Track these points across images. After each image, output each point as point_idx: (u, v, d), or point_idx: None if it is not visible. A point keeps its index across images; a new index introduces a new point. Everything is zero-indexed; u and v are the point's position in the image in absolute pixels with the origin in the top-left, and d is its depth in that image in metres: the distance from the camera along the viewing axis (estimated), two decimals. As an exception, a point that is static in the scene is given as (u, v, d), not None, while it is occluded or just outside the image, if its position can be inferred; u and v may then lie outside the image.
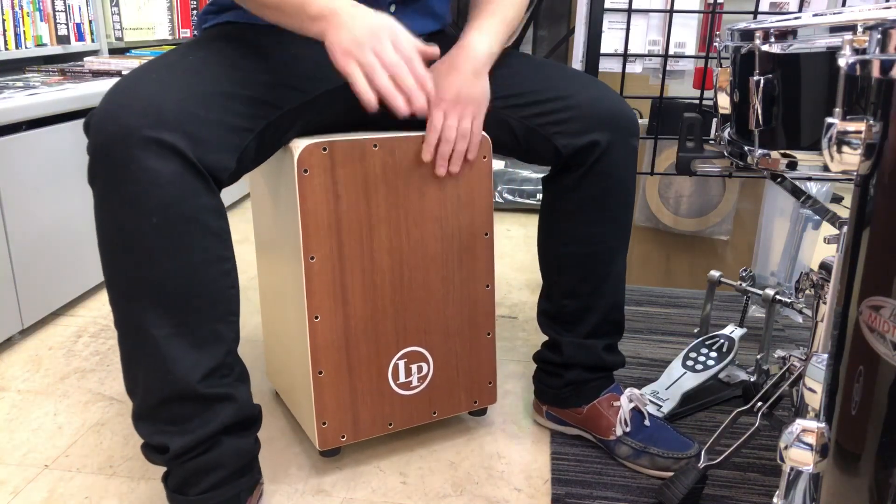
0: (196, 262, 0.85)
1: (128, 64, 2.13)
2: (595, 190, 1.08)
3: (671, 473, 1.07)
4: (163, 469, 0.95)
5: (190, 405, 0.90)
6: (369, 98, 0.87)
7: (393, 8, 1.05)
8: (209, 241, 0.86)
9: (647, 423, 1.15)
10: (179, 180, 0.82)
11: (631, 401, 1.15)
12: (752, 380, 1.35)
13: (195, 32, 1.13)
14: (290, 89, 0.96)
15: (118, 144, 0.80)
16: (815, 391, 0.77)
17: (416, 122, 1.06)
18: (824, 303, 0.92)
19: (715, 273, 1.42)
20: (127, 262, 0.84)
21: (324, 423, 1.08)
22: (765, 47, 0.80)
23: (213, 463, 0.93)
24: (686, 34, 1.59)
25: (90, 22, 2.28)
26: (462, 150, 1.04)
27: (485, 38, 1.01)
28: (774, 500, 0.73)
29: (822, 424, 0.67)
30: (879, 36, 0.57)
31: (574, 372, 1.17)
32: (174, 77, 0.86)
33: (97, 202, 0.84)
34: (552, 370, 1.20)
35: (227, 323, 0.91)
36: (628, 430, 1.14)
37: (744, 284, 1.34)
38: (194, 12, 0.99)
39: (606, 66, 1.59)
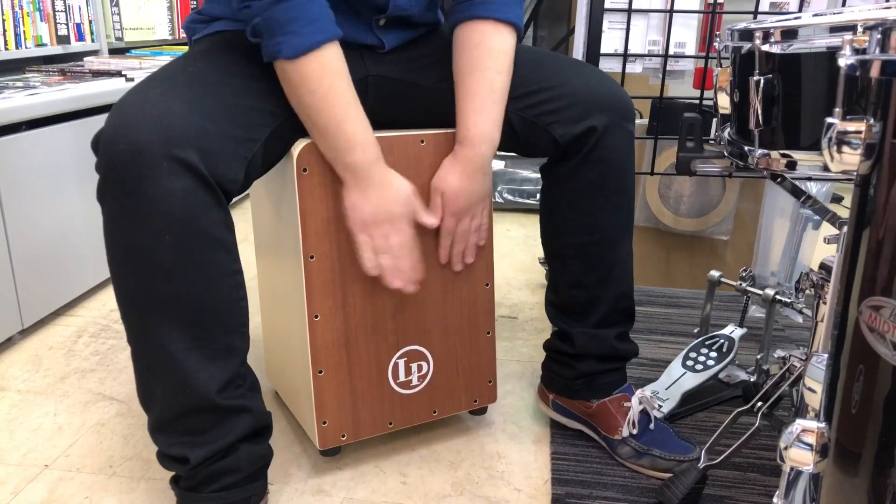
0: (209, 277, 0.86)
1: (128, 64, 2.13)
2: (593, 177, 1.07)
3: (671, 475, 1.07)
4: (163, 468, 0.96)
5: (208, 417, 0.91)
6: (370, 271, 1.00)
7: (382, 21, 1.04)
8: (221, 256, 0.87)
9: (651, 426, 1.15)
10: (192, 197, 0.82)
11: (641, 403, 1.15)
12: (752, 380, 1.35)
13: (186, 45, 1.13)
14: None
15: (130, 163, 0.80)
16: (815, 391, 0.77)
17: (417, 123, 1.06)
18: (824, 303, 0.92)
19: (715, 273, 1.42)
20: (140, 278, 0.84)
21: (324, 423, 1.08)
22: (765, 47, 0.80)
23: (230, 467, 0.94)
24: (686, 34, 1.59)
25: (90, 22, 2.28)
26: (475, 243, 1.09)
27: (486, 134, 1.00)
28: (774, 500, 0.73)
29: (822, 424, 0.67)
30: (879, 36, 0.57)
31: (587, 363, 1.17)
32: (178, 91, 0.86)
33: (107, 220, 0.84)
34: (564, 360, 1.19)
35: (239, 335, 0.92)
36: (635, 432, 1.14)
37: (744, 284, 1.34)
38: (195, 10, 0.98)
39: (606, 66, 1.60)
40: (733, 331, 1.36)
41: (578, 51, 1.58)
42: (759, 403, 1.02)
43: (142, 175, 0.80)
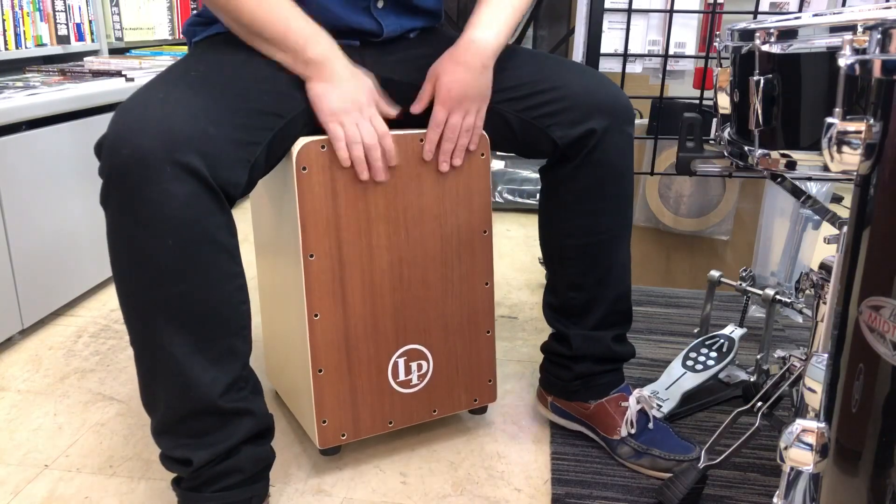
0: (212, 281, 0.86)
1: (128, 64, 2.13)
2: (592, 179, 1.07)
3: (671, 475, 1.07)
4: (165, 469, 0.96)
5: (211, 420, 0.91)
6: (345, 160, 0.98)
7: (381, 4, 1.04)
8: (223, 259, 0.87)
9: (650, 425, 1.15)
10: (195, 201, 0.82)
11: (638, 402, 1.15)
12: (752, 380, 1.35)
13: (186, 45, 1.13)
14: (291, 97, 0.96)
15: (133, 168, 0.80)
16: (815, 391, 0.77)
17: (418, 121, 1.06)
18: (824, 303, 0.92)
19: (715, 273, 1.42)
20: (143, 282, 0.85)
21: (324, 422, 1.08)
22: (765, 47, 0.80)
23: (232, 469, 0.95)
24: (686, 34, 1.59)
25: (90, 22, 2.28)
26: (464, 144, 1.05)
27: (492, 29, 1.00)
28: (774, 500, 0.73)
29: (822, 424, 0.67)
30: (879, 36, 0.57)
31: (583, 364, 1.17)
32: (180, 95, 0.86)
33: (111, 224, 0.84)
34: (561, 362, 1.19)
35: (241, 337, 0.92)
36: (633, 431, 1.14)
37: (744, 284, 1.34)
38: (194, 13, 0.99)
39: (606, 66, 1.59)
40: (733, 331, 1.36)
41: (578, 51, 1.58)
42: (759, 403, 1.02)
43: (145, 180, 0.80)
